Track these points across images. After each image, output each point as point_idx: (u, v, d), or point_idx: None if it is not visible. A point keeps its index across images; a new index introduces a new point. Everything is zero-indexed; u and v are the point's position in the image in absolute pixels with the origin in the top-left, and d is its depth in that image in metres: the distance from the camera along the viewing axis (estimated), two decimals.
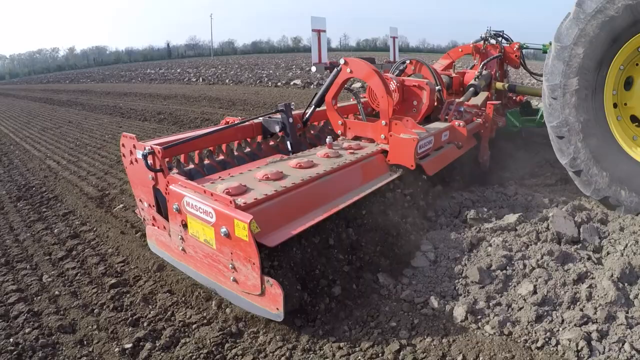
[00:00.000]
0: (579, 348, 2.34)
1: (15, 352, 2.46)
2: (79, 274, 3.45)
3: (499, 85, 6.10)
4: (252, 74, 30.93)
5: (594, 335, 2.43)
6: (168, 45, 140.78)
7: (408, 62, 5.42)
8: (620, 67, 3.71)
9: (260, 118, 4.08)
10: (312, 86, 20.24)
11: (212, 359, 2.37)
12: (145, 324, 2.70)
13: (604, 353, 2.33)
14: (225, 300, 2.78)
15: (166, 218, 3.04)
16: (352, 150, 3.67)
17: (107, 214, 4.80)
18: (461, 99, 5.17)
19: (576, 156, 3.84)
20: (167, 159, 3.18)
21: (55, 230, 4.44)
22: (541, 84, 4.27)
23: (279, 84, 22.57)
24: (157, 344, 2.48)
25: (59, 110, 18.23)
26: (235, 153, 3.91)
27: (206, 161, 3.67)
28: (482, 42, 6.36)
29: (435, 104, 4.84)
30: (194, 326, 2.64)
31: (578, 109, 3.74)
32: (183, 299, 2.95)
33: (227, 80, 27.27)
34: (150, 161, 3.03)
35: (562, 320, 2.57)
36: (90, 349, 2.51)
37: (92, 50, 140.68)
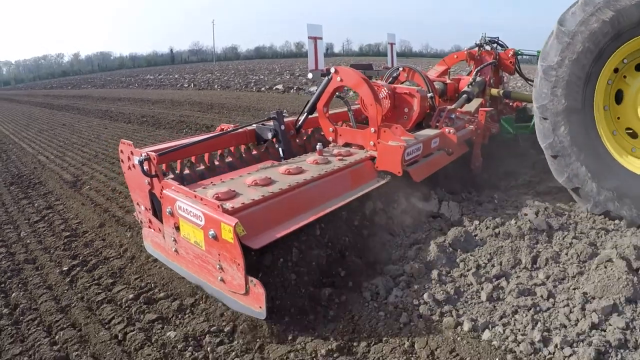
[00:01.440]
0: (377, 291, 2.94)
1: None
2: (46, 231, 4.83)
3: (493, 91, 6.17)
4: (242, 79, 32.11)
5: (401, 285, 2.99)
6: (171, 50, 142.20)
7: (401, 69, 5.54)
8: (609, 82, 3.77)
9: (254, 125, 4.23)
10: (291, 90, 21.86)
11: (115, 276, 3.62)
12: (80, 258, 4.03)
13: (399, 298, 2.86)
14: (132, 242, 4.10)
15: (161, 221, 3.19)
16: (341, 157, 3.79)
17: (76, 193, 6.23)
18: (453, 106, 5.29)
19: (572, 174, 3.86)
20: (164, 164, 3.35)
21: (36, 204, 5.83)
22: None
23: (262, 89, 24.28)
24: (84, 268, 3.81)
25: (56, 115, 19.49)
26: (229, 159, 4.06)
27: (200, 167, 3.83)
28: (476, 48, 6.47)
29: (428, 110, 4.96)
30: (111, 258, 3.95)
31: (569, 127, 3.77)
32: (110, 243, 4.27)
33: (216, 86, 28.75)
34: (146, 167, 3.16)
35: (382, 272, 3.17)
36: (42, 272, 3.85)
37: (96, 56, 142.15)
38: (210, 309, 2.87)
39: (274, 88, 23.63)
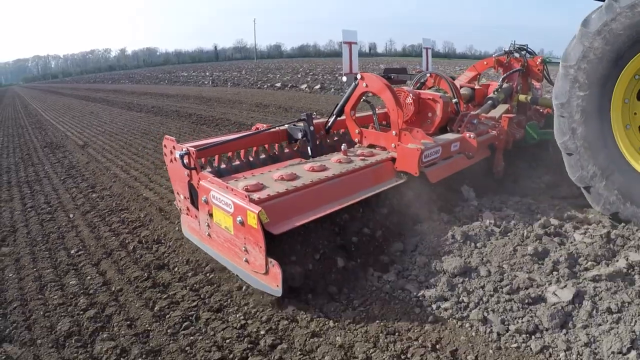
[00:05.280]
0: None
1: (25, 182, 7.45)
2: (58, 166, 8.49)
3: (521, 97, 6.26)
4: (257, 77, 35.08)
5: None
6: (215, 48, 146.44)
7: (428, 75, 5.77)
8: (636, 77, 3.75)
9: (286, 125, 4.59)
10: (286, 88, 25.02)
11: (87, 183, 7.04)
12: (72, 175, 7.62)
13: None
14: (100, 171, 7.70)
15: (197, 208, 3.58)
16: (363, 157, 4.08)
17: (83, 150, 10.11)
18: (477, 112, 5.46)
19: (585, 172, 3.93)
20: (203, 159, 3.76)
21: (57, 156, 9.60)
22: None
23: (264, 86, 27.49)
24: (72, 180, 7.27)
25: (89, 105, 23.33)
26: (263, 156, 4.44)
27: (236, 162, 4.22)
28: (505, 55, 6.58)
29: (453, 115, 5.16)
30: (87, 176, 7.48)
31: (585, 125, 3.84)
32: (89, 170, 7.88)
33: (228, 84, 31.69)
34: (186, 160, 3.53)
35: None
36: (51, 180, 7.40)
37: (142, 52, 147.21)
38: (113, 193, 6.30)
39: (273, 85, 26.57)
